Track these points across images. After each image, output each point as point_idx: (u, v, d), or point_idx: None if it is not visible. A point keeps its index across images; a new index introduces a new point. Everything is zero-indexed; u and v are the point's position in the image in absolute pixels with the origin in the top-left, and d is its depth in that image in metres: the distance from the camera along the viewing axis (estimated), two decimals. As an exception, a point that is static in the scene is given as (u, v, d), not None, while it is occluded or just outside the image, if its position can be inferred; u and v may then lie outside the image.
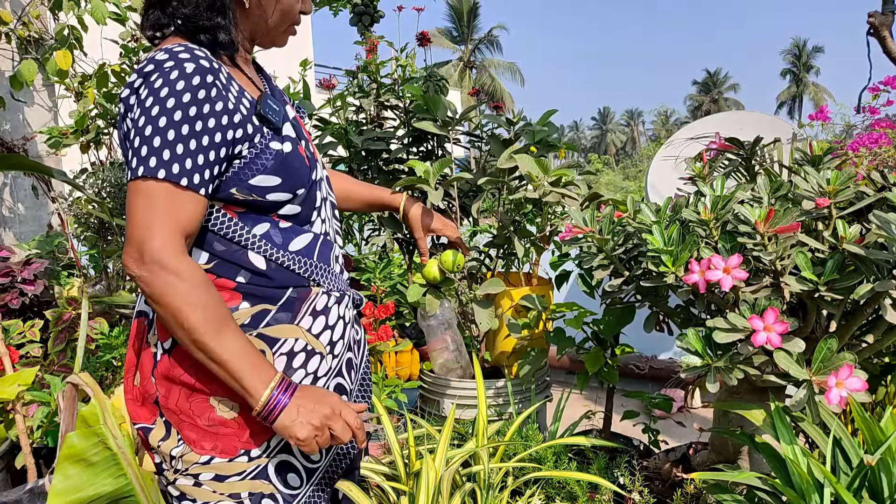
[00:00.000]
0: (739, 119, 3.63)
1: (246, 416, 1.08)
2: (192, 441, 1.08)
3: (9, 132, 3.15)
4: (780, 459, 1.28)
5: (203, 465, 1.08)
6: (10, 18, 2.89)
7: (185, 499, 1.11)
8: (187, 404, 1.08)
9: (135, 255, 0.96)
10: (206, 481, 1.09)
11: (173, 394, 1.08)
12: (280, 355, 1.10)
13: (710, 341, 1.27)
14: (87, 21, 2.94)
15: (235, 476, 1.08)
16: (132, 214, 0.97)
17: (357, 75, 2.67)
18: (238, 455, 1.08)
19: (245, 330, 1.07)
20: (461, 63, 37.51)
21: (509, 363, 2.25)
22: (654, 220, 1.46)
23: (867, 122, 1.61)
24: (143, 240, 0.96)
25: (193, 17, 1.05)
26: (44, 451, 2.03)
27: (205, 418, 1.07)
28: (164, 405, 1.09)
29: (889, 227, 1.19)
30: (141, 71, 0.99)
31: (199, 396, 1.07)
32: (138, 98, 0.98)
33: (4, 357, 1.79)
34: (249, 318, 1.08)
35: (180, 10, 1.06)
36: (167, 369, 1.08)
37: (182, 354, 1.06)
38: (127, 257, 0.97)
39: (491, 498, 1.50)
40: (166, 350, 1.08)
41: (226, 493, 1.08)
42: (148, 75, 0.98)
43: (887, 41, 2.26)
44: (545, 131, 2.26)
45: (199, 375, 1.06)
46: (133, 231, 0.97)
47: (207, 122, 0.98)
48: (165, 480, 1.14)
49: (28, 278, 2.52)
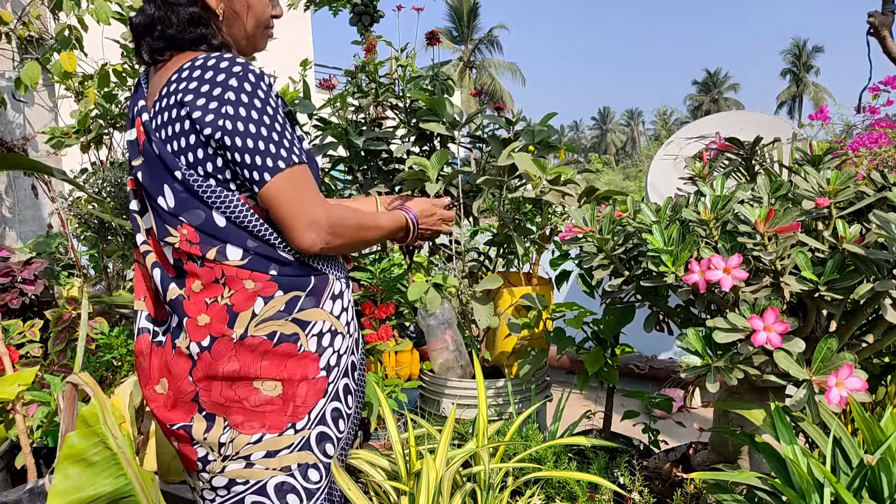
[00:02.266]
0: (739, 119, 3.63)
1: (288, 392, 1.16)
2: (240, 424, 1.14)
3: (9, 132, 3.15)
4: (780, 459, 1.28)
5: (254, 444, 1.15)
6: (11, 18, 2.90)
7: (236, 484, 1.16)
8: (231, 391, 1.14)
9: (315, 230, 1.13)
10: (257, 460, 1.15)
11: (215, 387, 1.14)
12: (312, 336, 1.19)
13: (710, 341, 1.27)
14: (88, 21, 2.94)
15: (285, 449, 1.17)
16: (305, 194, 1.12)
17: (356, 75, 2.67)
18: (286, 429, 1.17)
19: (281, 316, 1.16)
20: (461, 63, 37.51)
21: (509, 363, 2.25)
22: (654, 220, 1.46)
23: (867, 122, 1.61)
24: (312, 213, 1.13)
25: (181, 33, 1.16)
26: (44, 451, 2.04)
27: (252, 400, 1.14)
28: (205, 400, 1.14)
29: (889, 226, 1.19)
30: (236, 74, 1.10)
31: (241, 383, 1.14)
32: (235, 110, 1.08)
33: (4, 357, 1.79)
34: (284, 304, 1.17)
35: (167, 32, 1.16)
36: (208, 366, 1.13)
37: (220, 349, 1.13)
38: (307, 235, 1.12)
39: (491, 498, 1.50)
40: (204, 348, 1.13)
41: (277, 467, 1.16)
42: (243, 76, 1.10)
43: (887, 41, 2.26)
44: (545, 132, 2.26)
45: (241, 363, 1.13)
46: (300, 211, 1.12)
47: (280, 113, 1.15)
48: (209, 475, 1.17)
49: (28, 278, 2.52)
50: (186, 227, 1.13)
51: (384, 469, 1.53)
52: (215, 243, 1.13)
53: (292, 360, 1.17)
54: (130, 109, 1.22)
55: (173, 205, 1.13)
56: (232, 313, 1.13)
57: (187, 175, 1.11)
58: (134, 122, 1.19)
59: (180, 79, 1.10)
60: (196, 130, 1.09)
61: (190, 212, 1.12)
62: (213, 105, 1.07)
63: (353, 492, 1.28)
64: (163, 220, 1.14)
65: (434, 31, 2.65)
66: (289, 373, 1.16)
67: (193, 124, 1.08)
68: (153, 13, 1.17)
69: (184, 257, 1.15)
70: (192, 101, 1.08)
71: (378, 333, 2.42)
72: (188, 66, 1.10)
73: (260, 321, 1.14)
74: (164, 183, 1.13)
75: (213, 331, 1.13)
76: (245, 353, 1.13)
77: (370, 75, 2.62)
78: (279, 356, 1.16)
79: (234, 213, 1.13)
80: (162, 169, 1.12)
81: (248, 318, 1.14)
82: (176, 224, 1.13)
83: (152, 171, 1.14)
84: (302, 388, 1.18)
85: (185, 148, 1.10)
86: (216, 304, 1.14)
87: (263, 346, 1.14)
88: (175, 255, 1.16)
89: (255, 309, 1.14)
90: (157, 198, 1.14)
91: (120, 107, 3.03)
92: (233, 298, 1.14)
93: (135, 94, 1.23)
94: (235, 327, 1.13)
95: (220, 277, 1.14)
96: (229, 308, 1.13)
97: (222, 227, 1.13)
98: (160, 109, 1.12)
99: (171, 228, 1.14)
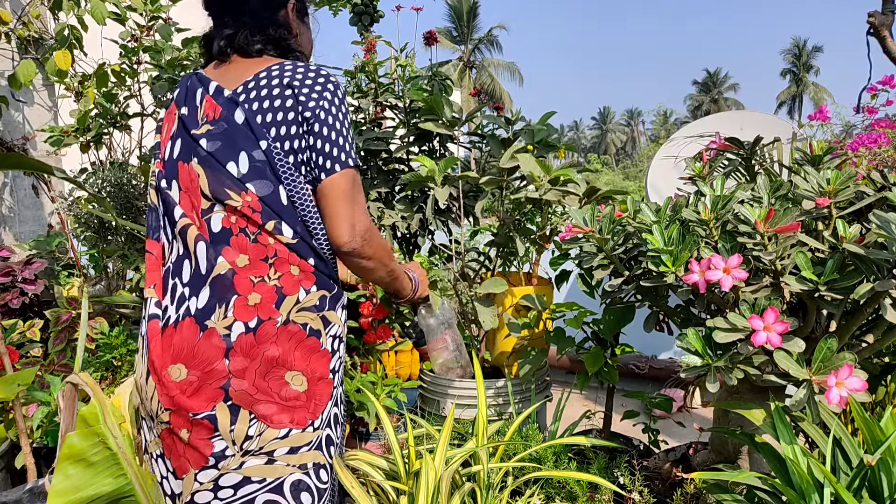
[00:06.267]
0: (739, 119, 3.63)
1: (312, 389, 1.21)
2: (268, 417, 1.16)
3: (9, 132, 3.15)
4: (780, 459, 1.28)
5: (281, 439, 1.17)
6: (10, 18, 2.89)
7: (249, 482, 1.16)
8: (264, 382, 1.16)
9: (354, 226, 1.22)
10: (280, 456, 1.18)
11: (249, 373, 1.16)
12: (329, 336, 1.26)
13: (710, 341, 1.27)
14: (87, 21, 2.93)
15: (305, 446, 1.20)
16: (356, 197, 1.24)
17: (355, 75, 2.67)
18: (308, 426, 1.21)
19: (314, 311, 1.24)
20: (461, 63, 37.50)
21: (509, 363, 2.25)
22: (654, 220, 1.46)
23: (867, 121, 1.61)
24: (361, 213, 1.24)
25: (282, 38, 1.32)
26: (44, 451, 2.03)
27: (283, 393, 1.17)
28: (234, 388, 1.15)
29: (889, 226, 1.19)
30: (333, 81, 1.26)
31: (276, 373, 1.17)
32: (330, 104, 1.23)
33: (4, 357, 1.79)
34: (318, 300, 1.25)
35: (275, 35, 1.31)
36: (249, 345, 1.16)
37: (266, 332, 1.17)
38: (345, 227, 1.21)
39: (491, 498, 1.50)
40: (251, 329, 1.17)
41: (297, 464, 1.19)
42: (338, 86, 1.26)
43: (887, 41, 2.26)
44: (544, 131, 2.26)
45: (280, 348, 1.17)
46: (353, 206, 1.23)
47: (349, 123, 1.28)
48: (218, 472, 1.16)
49: (28, 278, 2.52)
50: (251, 195, 1.19)
51: (383, 469, 1.53)
52: (274, 216, 1.20)
53: (315, 355, 1.22)
54: (187, 91, 1.30)
55: (245, 171, 1.20)
56: (281, 295, 1.20)
57: (272, 146, 1.20)
58: (199, 99, 1.27)
59: (283, 68, 1.23)
60: (297, 110, 1.20)
61: (260, 181, 1.20)
62: (315, 94, 1.21)
63: (356, 490, 1.28)
64: (224, 185, 1.20)
65: (432, 31, 2.66)
66: (312, 368, 1.22)
67: (298, 103, 1.20)
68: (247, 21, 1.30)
69: (235, 229, 1.19)
70: (300, 86, 1.21)
71: (377, 333, 2.42)
72: (290, 64, 1.25)
73: (301, 308, 1.21)
74: (243, 150, 1.20)
75: (262, 312, 1.18)
76: (284, 339, 1.18)
77: (370, 75, 2.62)
78: (307, 349, 1.21)
79: (297, 194, 1.22)
80: (244, 137, 1.20)
81: (292, 304, 1.21)
82: (240, 190, 1.19)
83: (229, 139, 1.21)
84: (320, 386, 1.23)
85: (281, 121, 1.20)
86: (264, 283, 1.19)
87: (299, 336, 1.20)
88: (226, 223, 1.20)
89: (299, 296, 1.22)
90: (226, 164, 1.20)
91: (119, 106, 3.03)
92: (281, 280, 1.20)
93: (189, 83, 1.31)
94: (281, 310, 1.19)
95: (270, 256, 1.20)
96: (279, 290, 1.20)
97: (284, 204, 1.21)
98: (255, 87, 1.22)
99: (232, 193, 1.19)
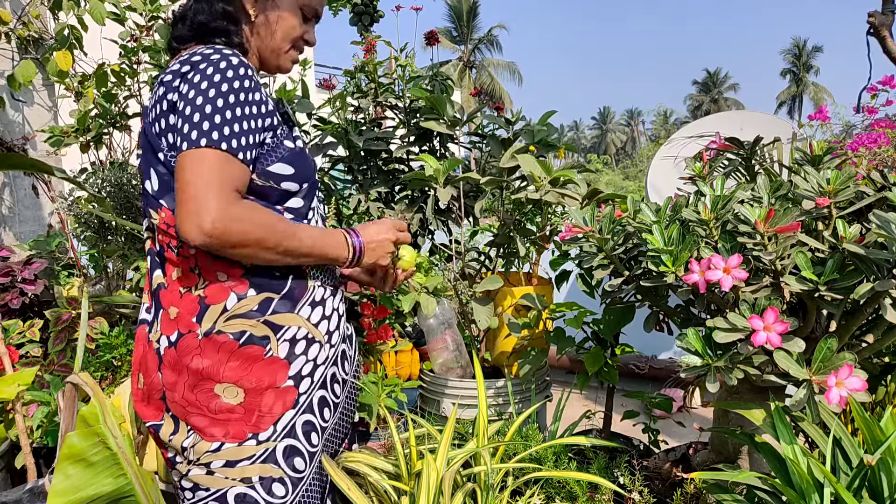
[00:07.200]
0: (739, 119, 3.63)
1: (251, 400, 1.13)
2: (201, 429, 1.12)
3: (8, 132, 3.15)
4: (780, 459, 1.28)
5: (213, 452, 1.12)
6: (10, 18, 2.89)
7: (199, 489, 1.15)
8: (193, 395, 1.12)
9: (199, 220, 1.00)
10: (217, 469, 1.13)
11: (178, 387, 1.12)
12: (283, 341, 1.16)
13: (710, 341, 1.27)
14: (87, 21, 2.93)
15: (245, 460, 1.13)
16: (196, 178, 1.01)
17: (355, 75, 2.67)
18: (247, 439, 1.13)
19: (253, 316, 1.13)
20: (461, 63, 37.50)
21: (509, 363, 2.25)
22: (654, 220, 1.46)
23: (867, 121, 1.61)
24: (206, 201, 1.00)
25: (208, 21, 1.17)
26: (44, 451, 2.03)
27: (212, 406, 1.12)
28: (170, 400, 1.13)
29: (889, 226, 1.19)
30: (188, 61, 1.09)
31: (204, 385, 1.11)
32: (190, 83, 1.06)
33: (4, 357, 1.79)
34: (257, 305, 1.14)
35: (196, 19, 1.18)
36: (174, 360, 1.12)
37: (186, 345, 1.11)
38: (190, 225, 1.00)
39: (491, 498, 1.50)
40: (172, 343, 1.12)
41: (237, 477, 1.13)
42: (196, 64, 1.08)
43: (887, 41, 2.26)
44: (544, 131, 2.26)
45: (205, 360, 1.11)
46: (196, 194, 1.01)
47: (252, 107, 1.09)
48: (178, 474, 1.17)
49: (28, 278, 2.52)
50: (165, 211, 1.14)
51: (384, 470, 1.52)
52: None
53: (259, 364, 1.13)
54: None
55: (157, 188, 1.14)
56: (204, 305, 1.12)
57: (169, 157, 1.11)
58: None
59: (180, 60, 1.11)
60: (172, 100, 1.08)
61: (169, 195, 1.12)
62: (189, 72, 1.07)
63: (352, 492, 1.28)
64: (148, 204, 1.16)
65: (433, 31, 2.66)
66: (255, 378, 1.12)
67: (168, 91, 1.09)
68: (191, 4, 1.20)
69: (164, 245, 1.16)
70: (171, 81, 1.09)
71: (378, 333, 2.42)
72: (187, 54, 1.11)
73: (231, 317, 1.12)
74: (152, 167, 1.14)
75: (182, 325, 1.13)
76: (210, 351, 1.10)
77: (370, 75, 2.62)
78: (245, 359, 1.12)
79: None
80: (150, 152, 1.14)
81: (217, 313, 1.12)
82: (157, 207, 1.14)
83: (145, 156, 1.16)
84: (268, 397, 1.14)
85: (166, 129, 1.10)
86: (189, 294, 1.13)
87: (229, 346, 1.11)
88: (161, 240, 1.17)
89: (227, 304, 1.12)
90: (145, 181, 1.16)
91: (119, 106, 3.02)
92: (206, 290, 1.13)
93: None
94: (203, 322, 1.11)
95: (194, 266, 1.14)
96: (202, 299, 1.12)
97: None
98: (155, 92, 1.14)
99: (152, 211, 1.15)
